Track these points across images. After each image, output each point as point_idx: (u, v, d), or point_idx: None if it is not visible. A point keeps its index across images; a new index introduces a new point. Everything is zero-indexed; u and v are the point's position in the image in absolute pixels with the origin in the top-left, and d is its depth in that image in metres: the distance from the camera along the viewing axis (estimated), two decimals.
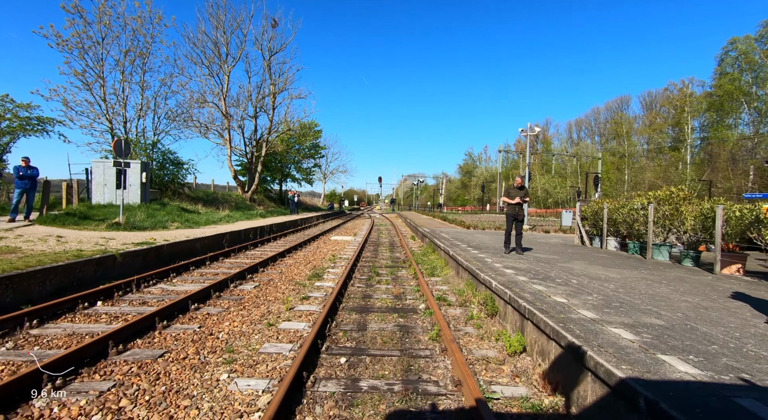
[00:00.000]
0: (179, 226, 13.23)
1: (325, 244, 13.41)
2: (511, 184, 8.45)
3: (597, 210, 10.77)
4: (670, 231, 8.52)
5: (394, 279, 7.73)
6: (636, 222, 9.07)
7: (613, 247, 10.22)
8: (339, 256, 10.67)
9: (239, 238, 12.77)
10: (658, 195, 8.54)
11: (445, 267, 8.75)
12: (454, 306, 5.79)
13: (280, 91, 28.22)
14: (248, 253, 10.75)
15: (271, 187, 36.59)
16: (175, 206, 16.46)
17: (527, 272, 6.16)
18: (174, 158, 19.51)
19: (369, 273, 8.26)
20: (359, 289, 6.81)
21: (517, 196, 8.17)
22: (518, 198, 8.13)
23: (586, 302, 4.25)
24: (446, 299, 6.04)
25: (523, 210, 8.31)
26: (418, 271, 7.94)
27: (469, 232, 15.34)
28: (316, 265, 9.18)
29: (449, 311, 5.51)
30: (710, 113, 42.33)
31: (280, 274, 7.86)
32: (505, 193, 8.44)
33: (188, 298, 5.29)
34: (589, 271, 6.53)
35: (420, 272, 7.90)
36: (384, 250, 12.21)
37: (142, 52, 17.47)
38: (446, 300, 6.01)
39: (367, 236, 16.00)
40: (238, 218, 18.64)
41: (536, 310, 3.78)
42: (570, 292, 4.72)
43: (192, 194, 21.46)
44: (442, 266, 8.88)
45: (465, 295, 6.21)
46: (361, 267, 9.03)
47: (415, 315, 5.28)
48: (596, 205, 10.79)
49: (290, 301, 5.72)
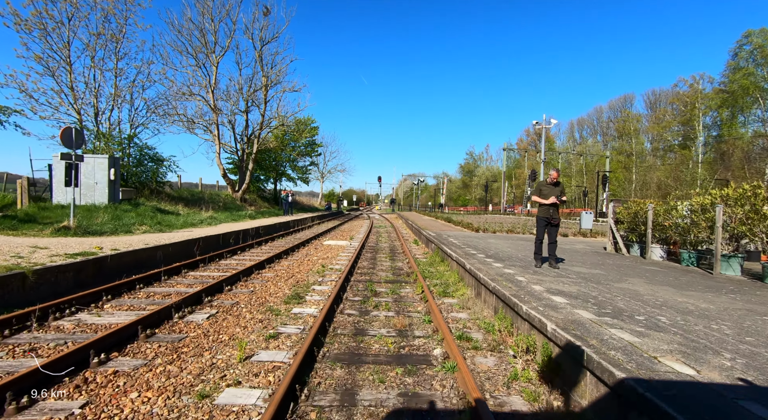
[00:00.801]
0: (148, 230, 11.51)
1: (316, 251, 11.69)
2: (543, 181, 6.74)
3: (637, 212, 9.06)
4: (741, 239, 6.81)
5: (396, 301, 6.02)
6: (695, 227, 7.36)
7: (658, 256, 8.51)
8: (330, 265, 8.95)
9: (216, 244, 11.05)
10: (727, 194, 6.82)
11: (459, 283, 7.04)
12: (483, 350, 4.07)
13: (273, 83, 26.50)
14: (222, 263, 9.02)
15: (265, 186, 34.83)
16: (149, 207, 14.73)
17: (584, 301, 4.44)
18: (153, 154, 17.78)
19: (364, 292, 6.54)
20: (350, 319, 5.09)
21: (551, 194, 6.45)
22: (553, 197, 6.42)
23: (729, 375, 2.53)
24: (470, 337, 4.33)
25: (558, 212, 6.59)
26: (426, 289, 6.22)
27: (479, 236, 13.62)
28: (300, 279, 7.46)
29: (478, 360, 3.79)
30: (723, 110, 40.64)
31: (250, 295, 6.13)
32: (535, 191, 6.71)
33: (98, 343, 3.58)
34: (664, 298, 4.82)
35: (429, 291, 6.20)
36: (383, 258, 10.50)
37: (114, 36, 15.73)
38: (470, 338, 4.30)
39: (365, 240, 14.28)
40: (222, 220, 16.92)
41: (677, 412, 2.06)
42: (682, 349, 3.00)
43: (175, 194, 19.73)
44: (455, 282, 7.17)
45: (495, 331, 4.49)
46: (355, 282, 7.31)
47: (429, 370, 3.57)
48: (636, 206, 9.07)
49: (249, 345, 4.01)
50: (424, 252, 12.05)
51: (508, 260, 7.54)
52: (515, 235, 15.00)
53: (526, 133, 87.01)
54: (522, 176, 71.58)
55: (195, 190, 23.47)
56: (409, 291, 6.70)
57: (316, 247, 12.48)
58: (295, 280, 7.43)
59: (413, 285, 7.19)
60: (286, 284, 7.00)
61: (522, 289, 4.86)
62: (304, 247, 12.52)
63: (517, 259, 7.76)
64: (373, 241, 14.80)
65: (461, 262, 7.19)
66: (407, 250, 11.41)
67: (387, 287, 6.95)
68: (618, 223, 9.76)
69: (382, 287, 6.97)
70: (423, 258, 10.77)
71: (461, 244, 10.57)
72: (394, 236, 17.26)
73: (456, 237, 12.82)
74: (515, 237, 13.81)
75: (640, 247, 9.22)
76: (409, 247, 12.80)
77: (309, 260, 9.87)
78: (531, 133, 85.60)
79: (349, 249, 12.22)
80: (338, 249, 12.24)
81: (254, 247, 11.96)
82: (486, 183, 53.84)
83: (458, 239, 11.98)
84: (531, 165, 54.31)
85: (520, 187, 71.03)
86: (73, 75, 14.83)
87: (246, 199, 27.52)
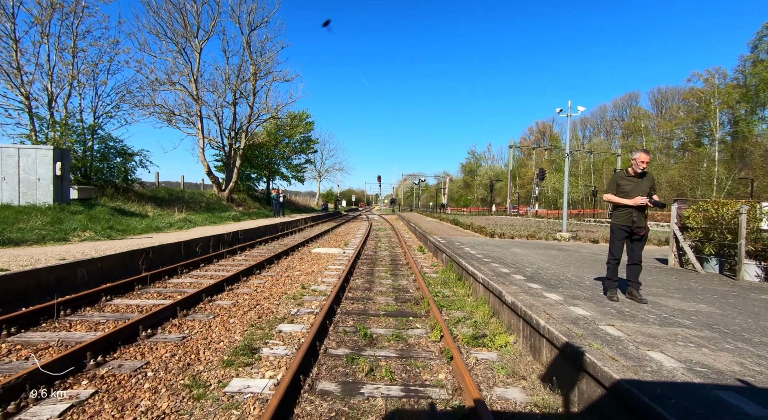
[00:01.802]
0: (92, 237, 9.32)
1: (300, 262, 9.51)
2: (621, 171, 4.53)
3: (717, 217, 6.87)
4: None
5: (402, 356, 3.83)
6: None
7: (754, 275, 6.32)
8: (313, 286, 6.77)
9: (174, 255, 8.86)
10: None
11: (494, 320, 4.86)
12: None
13: (262, 73, 24.29)
14: (170, 283, 6.83)
15: (256, 185, 32.62)
16: (107, 208, 12.53)
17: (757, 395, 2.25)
18: (121, 147, 15.57)
19: (353, 337, 4.36)
20: (324, 406, 2.89)
21: (637, 191, 4.27)
22: (640, 196, 4.23)
23: None
24: None
25: (645, 218, 4.39)
26: (448, 336, 4.04)
27: (498, 244, 11.44)
28: (266, 311, 5.27)
29: None
30: (743, 104, 38.44)
31: (174, 349, 3.93)
32: (611, 186, 4.50)
33: None
34: None
35: (451, 338, 4.03)
36: (383, 274, 8.31)
37: (72, 9, 13.52)
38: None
39: (361, 248, 12.09)
40: (198, 223, 14.74)
41: None
42: None
43: (148, 193, 17.54)
44: (485, 317, 4.99)
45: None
46: (342, 316, 5.12)
47: None
48: (718, 207, 6.88)
49: None
50: (432, 263, 9.86)
51: (562, 286, 5.34)
52: (538, 241, 12.81)
53: (529, 131, 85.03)
54: (526, 176, 69.48)
55: (175, 189, 21.26)
56: (421, 334, 4.50)
57: (301, 257, 10.29)
58: (257, 312, 5.24)
59: (425, 321, 4.99)
60: (241, 322, 4.81)
61: (638, 364, 2.66)
62: (287, 256, 10.33)
63: (571, 284, 5.57)
64: (370, 249, 12.61)
65: (496, 291, 4.99)
66: (412, 261, 9.22)
67: (387, 327, 4.76)
68: (685, 230, 7.57)
69: (381, 326, 4.78)
70: (432, 272, 8.59)
71: (481, 254, 8.37)
72: (396, 242, 15.07)
73: (471, 245, 10.62)
74: (542, 245, 11.61)
75: (718, 262, 7.04)
76: (413, 256, 10.62)
77: (288, 277, 7.68)
78: (535, 131, 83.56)
79: (341, 259, 10.03)
80: (328, 259, 10.05)
81: (225, 257, 9.77)
82: (491, 183, 51.58)
83: (475, 248, 9.78)
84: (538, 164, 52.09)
85: (525, 187, 68.92)
86: (18, 52, 12.65)
87: (234, 199, 25.32)
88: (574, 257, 8.76)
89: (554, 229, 17.77)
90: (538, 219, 32.23)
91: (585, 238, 13.40)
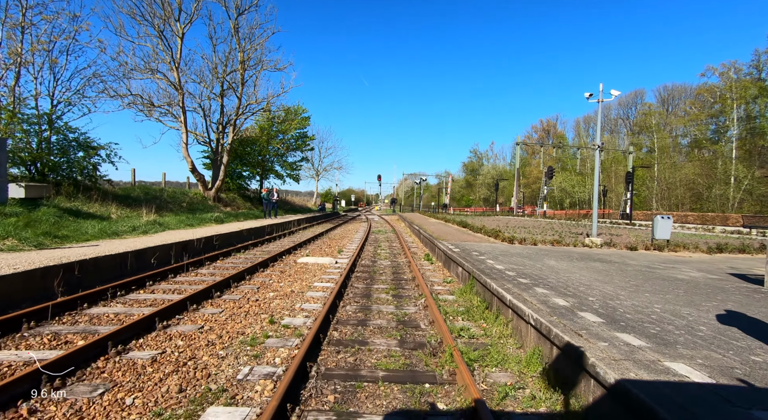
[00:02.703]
0: (15, 246, 7.36)
1: (279, 277, 7.56)
2: None
3: None
4: None
5: None
6: None
7: None
8: (289, 317, 4.80)
9: (117, 269, 6.90)
10: None
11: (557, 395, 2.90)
12: None
13: (252, 61, 22.32)
14: (82, 317, 4.88)
15: (248, 184, 30.60)
16: (57, 210, 10.58)
17: None
18: (83, 140, 13.61)
19: None
20: None
21: None
22: None
23: None
24: None
25: None
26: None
27: (523, 253, 9.49)
28: (193, 379, 3.31)
29: None
30: (764, 99, 36.46)
31: None
32: None
33: None
34: None
35: None
36: (383, 296, 6.36)
37: None
38: None
39: (357, 256, 10.13)
40: (171, 226, 12.78)
41: None
42: None
43: (119, 192, 15.59)
44: (543, 386, 3.03)
45: None
46: (318, 384, 3.16)
47: None
48: None
49: None
50: (445, 279, 7.90)
51: (670, 336, 3.38)
52: (567, 248, 10.83)
53: (533, 129, 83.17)
54: (531, 175, 67.47)
55: (153, 188, 19.29)
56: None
57: (282, 270, 8.34)
58: (182, 379, 3.28)
59: (450, 393, 3.04)
60: (144, 404, 2.85)
61: None
62: (264, 269, 8.37)
63: (682, 332, 3.61)
64: (368, 257, 10.66)
65: (572, 353, 3.04)
66: (419, 275, 7.27)
67: (389, 408, 2.80)
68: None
69: (379, 407, 2.82)
70: (447, 292, 6.64)
71: (511, 271, 6.40)
72: (398, 248, 13.11)
73: (491, 255, 8.66)
74: (576, 254, 9.64)
75: None
76: (419, 268, 8.67)
77: (256, 303, 5.72)
78: (539, 130, 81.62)
79: (332, 272, 8.08)
80: (316, 272, 8.11)
81: (185, 271, 7.81)
82: (496, 182, 49.58)
83: (497, 260, 7.81)
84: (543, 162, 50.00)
85: (530, 186, 66.92)
86: None
87: (221, 198, 23.37)
88: (630, 274, 6.81)
89: (573, 232, 15.81)
90: (548, 220, 30.28)
91: (619, 244, 11.43)
